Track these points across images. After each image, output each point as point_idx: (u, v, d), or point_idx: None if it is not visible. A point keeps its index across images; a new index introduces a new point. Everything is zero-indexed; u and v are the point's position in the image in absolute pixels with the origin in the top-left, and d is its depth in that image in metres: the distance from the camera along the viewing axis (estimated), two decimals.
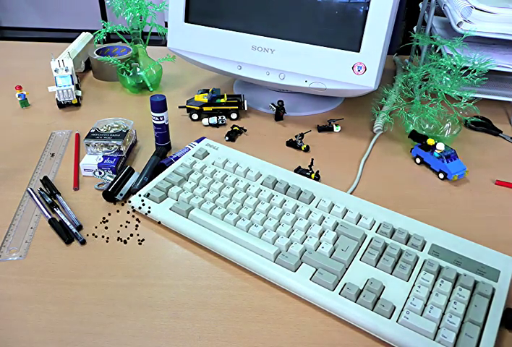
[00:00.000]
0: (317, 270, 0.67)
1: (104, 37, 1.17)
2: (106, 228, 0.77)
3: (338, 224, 0.73)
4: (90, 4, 3.46)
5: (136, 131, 0.99)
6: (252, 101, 1.13)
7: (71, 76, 1.08)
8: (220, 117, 1.04)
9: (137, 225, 0.77)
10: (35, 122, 1.04)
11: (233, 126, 1.02)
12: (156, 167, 0.88)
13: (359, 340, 0.61)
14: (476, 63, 0.93)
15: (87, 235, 0.75)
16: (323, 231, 0.72)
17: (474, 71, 0.93)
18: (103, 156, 0.89)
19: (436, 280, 0.65)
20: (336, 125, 1.03)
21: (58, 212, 0.79)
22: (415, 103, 0.97)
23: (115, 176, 0.86)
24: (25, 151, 0.94)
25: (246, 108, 1.07)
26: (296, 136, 0.98)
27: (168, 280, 0.68)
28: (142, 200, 0.79)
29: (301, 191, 0.79)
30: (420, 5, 1.21)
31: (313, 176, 0.87)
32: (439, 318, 0.60)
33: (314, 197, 0.78)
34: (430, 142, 0.89)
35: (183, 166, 0.85)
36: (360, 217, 0.75)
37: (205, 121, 1.04)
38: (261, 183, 0.82)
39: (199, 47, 1.06)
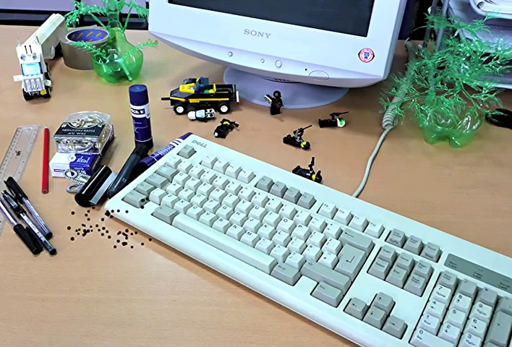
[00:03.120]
0: (318, 283, 0.66)
1: (77, 20, 1.17)
2: (79, 235, 0.77)
3: (342, 231, 0.74)
4: None
5: (113, 127, 0.99)
6: (245, 92, 1.13)
7: (39, 63, 1.08)
8: (208, 110, 1.04)
9: (114, 233, 0.77)
10: None
11: (224, 120, 1.02)
12: (136, 167, 0.88)
13: None
14: (499, 49, 0.93)
15: (58, 244, 0.75)
16: (325, 240, 0.72)
17: (497, 58, 0.92)
18: (75, 154, 0.89)
19: (453, 295, 0.65)
20: (340, 119, 1.03)
21: (24, 218, 0.78)
22: (429, 93, 0.97)
23: (89, 177, 0.85)
24: None
25: (238, 100, 1.07)
26: (294, 132, 0.98)
27: (150, 295, 0.68)
28: (120, 205, 0.79)
29: (301, 195, 0.79)
30: None
31: (314, 177, 0.87)
32: (457, 338, 0.59)
33: (315, 201, 0.79)
34: None
35: (166, 166, 0.86)
36: (367, 223, 0.75)
37: (192, 114, 1.05)
38: (255, 186, 0.82)
39: (185, 31, 1.06)
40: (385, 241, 0.72)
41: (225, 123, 1.01)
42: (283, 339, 0.63)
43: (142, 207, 0.79)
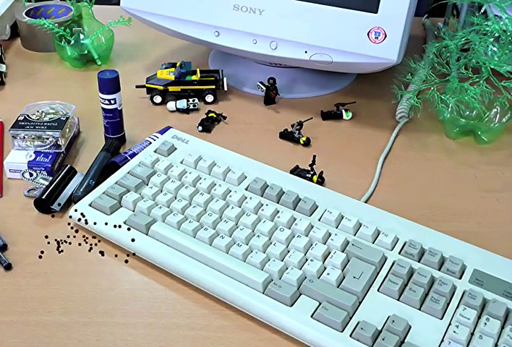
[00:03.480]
0: (320, 304, 0.66)
1: None
2: (39, 247, 0.76)
3: (348, 243, 0.74)
4: None
5: (79, 119, 0.99)
6: (234, 79, 1.13)
7: None
8: (191, 100, 1.04)
9: (80, 244, 0.77)
10: None
11: (209, 111, 1.02)
12: (106, 167, 0.88)
13: None
14: None
15: (14, 257, 0.75)
16: (329, 252, 0.72)
17: None
18: (34, 152, 0.88)
19: (479, 317, 0.65)
20: (346, 111, 1.04)
21: None
22: (451, 80, 0.98)
23: (51, 178, 0.85)
24: None
25: (225, 89, 1.07)
26: (292, 126, 0.98)
27: (122, 317, 0.68)
28: (87, 211, 0.79)
29: (300, 199, 0.80)
30: None
31: (315, 178, 0.88)
32: None
33: (317, 207, 0.79)
34: None
35: (142, 166, 0.86)
36: (378, 233, 0.75)
37: (171, 105, 1.05)
38: (246, 189, 0.82)
39: (163, 6, 1.06)
40: (400, 254, 0.72)
41: (210, 115, 1.01)
42: None
43: (113, 213, 0.79)
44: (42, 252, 0.76)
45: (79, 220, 0.79)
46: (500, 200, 0.87)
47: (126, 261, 0.75)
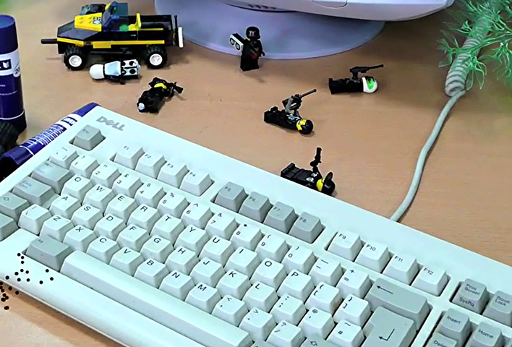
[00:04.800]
0: None
1: None
2: None
3: (372, 284, 0.73)
4: None
5: None
6: (195, 30, 1.17)
7: None
8: (127, 63, 1.07)
9: None
10: None
11: (156, 80, 1.04)
12: None
13: None
14: None
15: None
16: (341, 299, 0.72)
17: None
18: None
19: None
20: (369, 79, 1.06)
21: None
22: None
23: None
24: None
25: (181, 45, 1.10)
26: (285, 103, 0.99)
27: None
28: None
29: (296, 217, 0.80)
30: None
31: (320, 183, 0.89)
32: None
33: (323, 229, 0.79)
34: None
35: (51, 164, 0.86)
36: (418, 269, 0.75)
37: (97, 70, 1.07)
38: (212, 200, 0.83)
39: None
40: (451, 301, 0.72)
41: (158, 86, 1.03)
42: None
43: (6, 239, 0.79)
44: None
45: None
46: None
47: (7, 308, 0.75)
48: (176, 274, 0.74)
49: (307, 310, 0.71)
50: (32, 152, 0.89)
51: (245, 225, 0.79)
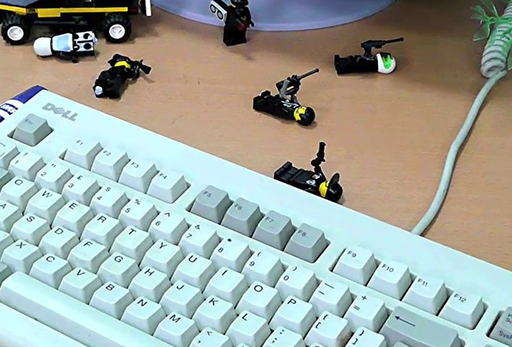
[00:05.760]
0: None
1: None
2: None
3: (388, 314, 0.67)
4: None
5: None
6: None
7: None
8: (81, 35, 1.05)
9: None
10: None
11: (117, 57, 1.03)
12: None
13: None
14: None
15: None
16: (351, 333, 0.66)
17: None
18: None
19: None
20: (385, 56, 1.04)
21: None
22: None
23: None
24: None
25: (148, 13, 1.09)
26: (279, 86, 0.97)
27: None
28: None
29: (294, 229, 0.74)
30: None
31: (324, 187, 0.85)
32: None
33: (328, 245, 0.74)
34: None
35: None
36: (447, 296, 0.69)
37: (42, 44, 1.05)
38: (188, 209, 0.77)
39: None
40: (489, 336, 0.66)
41: (120, 64, 1.01)
42: None
43: None
44: None
45: None
46: None
47: None
48: (143, 301, 0.68)
49: None
50: None
51: (229, 240, 0.74)
